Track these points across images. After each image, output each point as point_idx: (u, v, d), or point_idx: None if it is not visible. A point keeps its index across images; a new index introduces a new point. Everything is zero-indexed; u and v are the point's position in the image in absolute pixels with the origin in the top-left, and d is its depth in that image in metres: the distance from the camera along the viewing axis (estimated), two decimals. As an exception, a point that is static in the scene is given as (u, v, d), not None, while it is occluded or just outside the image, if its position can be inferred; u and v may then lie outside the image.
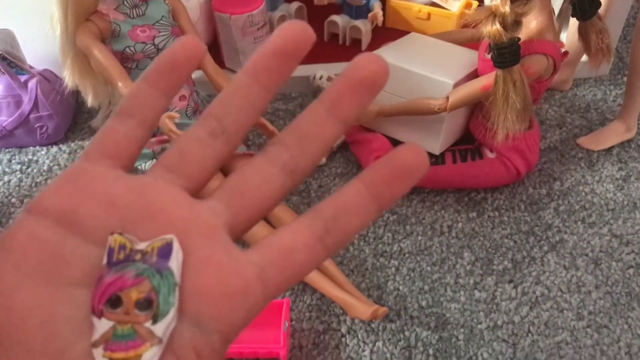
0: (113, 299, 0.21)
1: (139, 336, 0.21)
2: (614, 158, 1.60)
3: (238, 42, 1.73)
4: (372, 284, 1.35)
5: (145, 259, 0.21)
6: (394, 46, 1.52)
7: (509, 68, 1.21)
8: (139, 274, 0.21)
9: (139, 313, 0.21)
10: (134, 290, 0.21)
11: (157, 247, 0.21)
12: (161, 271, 0.21)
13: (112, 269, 0.21)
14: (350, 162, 1.63)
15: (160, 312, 0.21)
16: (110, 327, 0.21)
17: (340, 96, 0.22)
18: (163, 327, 0.21)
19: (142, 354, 0.20)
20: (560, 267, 1.36)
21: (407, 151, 0.22)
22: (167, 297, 0.21)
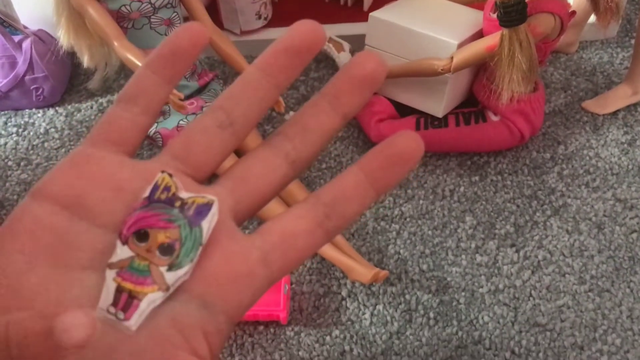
0: (141, 232, 0.22)
1: (151, 276, 0.22)
2: (619, 122, 1.58)
3: (237, 2, 1.69)
4: (372, 247, 1.34)
5: (183, 208, 0.22)
6: (397, 5, 1.48)
7: (515, 27, 1.18)
8: (172, 220, 0.22)
9: (159, 256, 0.22)
10: (162, 233, 0.22)
11: (198, 203, 0.22)
12: (192, 226, 0.22)
13: (150, 205, 0.22)
14: (351, 125, 1.60)
15: (177, 262, 0.22)
16: (129, 257, 0.22)
17: (341, 92, 0.23)
18: (175, 277, 0.21)
19: (147, 294, 0.21)
20: (563, 231, 1.35)
21: (403, 139, 0.23)
22: (189, 251, 0.22)
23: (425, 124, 1.45)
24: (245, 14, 1.73)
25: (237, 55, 1.46)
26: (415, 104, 1.46)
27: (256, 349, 1.19)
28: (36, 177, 1.54)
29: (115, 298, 0.21)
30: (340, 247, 1.27)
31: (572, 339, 1.18)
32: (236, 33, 1.79)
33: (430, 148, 1.49)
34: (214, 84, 1.52)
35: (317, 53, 0.24)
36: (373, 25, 1.42)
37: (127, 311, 0.21)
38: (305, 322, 1.23)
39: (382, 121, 1.47)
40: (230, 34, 1.79)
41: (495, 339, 1.19)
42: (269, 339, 1.21)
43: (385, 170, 0.23)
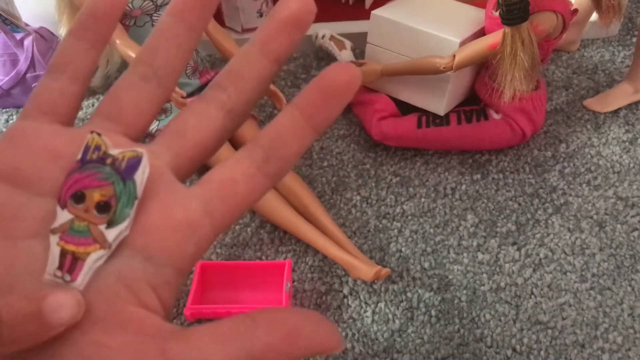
0: (78, 194, 0.22)
1: (92, 236, 0.22)
2: (620, 120, 1.58)
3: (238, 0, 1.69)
4: (374, 245, 1.34)
5: (114, 164, 0.22)
6: (398, 3, 1.48)
7: (518, 25, 1.18)
8: (105, 178, 0.22)
9: (96, 215, 0.22)
10: (97, 192, 0.22)
11: (128, 157, 0.22)
12: (125, 180, 0.22)
13: (84, 166, 0.22)
14: (352, 123, 1.61)
15: (115, 218, 0.22)
16: (69, 220, 0.22)
17: (269, 36, 0.23)
18: (115, 233, 0.22)
19: (89, 253, 0.22)
20: (565, 229, 1.35)
21: (335, 70, 0.22)
22: (125, 206, 0.22)
23: (427, 122, 1.45)
24: (246, 12, 1.73)
25: (239, 53, 1.46)
26: (417, 102, 1.46)
27: (258, 346, 1.20)
28: (38, 174, 1.54)
29: (61, 262, 0.22)
30: (342, 245, 1.28)
31: (573, 336, 1.18)
32: (237, 31, 1.79)
33: (432, 146, 1.49)
34: (215, 82, 1.52)
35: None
36: (375, 23, 1.42)
37: (73, 272, 0.21)
38: (307, 320, 1.23)
39: (384, 119, 1.47)
40: (232, 31, 1.79)
41: (497, 337, 1.19)
42: (271, 337, 1.21)
43: (320, 105, 0.22)
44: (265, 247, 1.35)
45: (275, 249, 1.34)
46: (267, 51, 0.23)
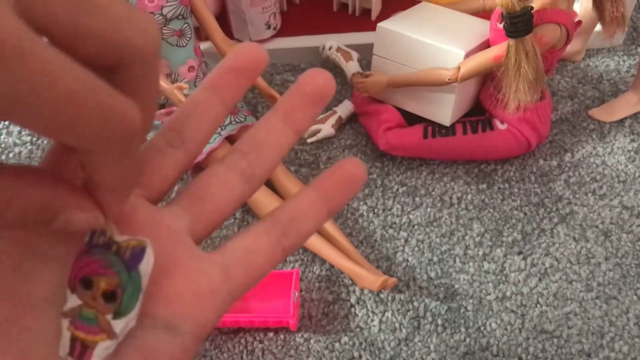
0: (86, 280, 0.22)
1: (99, 325, 0.22)
2: (626, 130, 1.59)
3: (247, 12, 1.71)
4: (381, 255, 1.36)
5: (119, 253, 0.22)
6: (404, 15, 1.50)
7: (522, 38, 1.19)
8: (111, 266, 0.22)
9: (103, 303, 0.22)
10: (104, 280, 0.22)
11: (132, 246, 0.22)
12: (130, 271, 0.22)
13: (91, 250, 0.22)
14: (359, 134, 1.62)
15: (121, 310, 0.22)
16: (78, 306, 0.22)
17: (293, 108, 0.25)
18: (121, 325, 0.22)
19: (97, 342, 0.22)
20: (570, 238, 1.36)
21: (352, 164, 0.25)
22: (130, 298, 0.22)
23: (432, 132, 1.46)
24: (254, 24, 1.75)
25: (247, 65, 1.48)
26: (423, 113, 1.48)
27: (266, 355, 1.21)
28: (50, 185, 1.57)
29: (71, 347, 0.22)
30: (349, 255, 1.29)
31: (579, 345, 1.19)
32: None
33: (438, 156, 1.51)
34: (224, 94, 1.54)
35: (261, 71, 0.25)
36: (381, 36, 1.44)
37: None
38: (315, 329, 1.24)
39: (390, 129, 1.49)
40: (240, 43, 1.81)
41: (503, 346, 1.20)
42: (279, 345, 1.22)
43: (337, 190, 0.25)
44: (273, 256, 1.36)
45: (283, 258, 1.36)
46: (289, 122, 0.25)
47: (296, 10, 1.93)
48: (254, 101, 1.73)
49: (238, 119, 1.46)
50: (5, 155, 1.65)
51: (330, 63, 1.80)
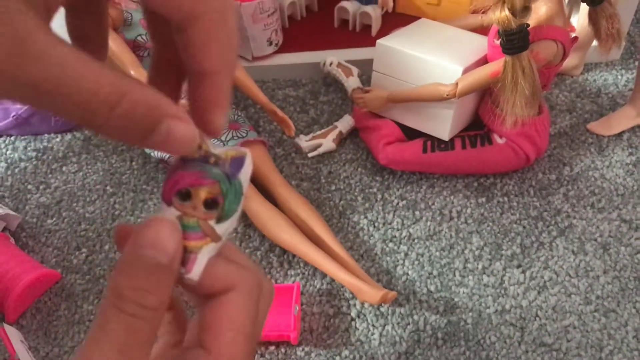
0: (183, 192, 0.23)
1: (202, 231, 0.23)
2: (624, 143, 1.60)
3: (249, 29, 1.74)
4: (381, 268, 1.37)
5: (218, 163, 0.23)
6: (403, 32, 1.52)
7: (518, 54, 1.21)
8: (211, 177, 0.23)
9: (205, 211, 0.23)
10: (204, 190, 0.23)
11: (231, 156, 0.24)
12: (231, 179, 0.23)
13: (187, 164, 0.23)
14: (360, 148, 1.64)
15: (224, 214, 0.23)
16: (177, 217, 0.23)
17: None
18: (224, 227, 0.23)
19: (202, 247, 0.23)
20: (569, 252, 1.37)
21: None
22: (232, 203, 0.23)
23: (432, 146, 1.48)
24: (256, 41, 1.78)
25: (249, 81, 1.50)
26: (422, 127, 1.50)
27: (268, 368, 1.22)
28: (55, 200, 1.59)
29: None
30: (350, 269, 1.30)
31: (578, 358, 1.20)
32: (248, 59, 1.84)
33: (438, 170, 1.53)
34: (226, 109, 1.56)
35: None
36: (380, 52, 1.46)
37: (187, 265, 0.23)
38: (316, 343, 1.26)
39: (390, 144, 1.51)
40: (242, 59, 1.84)
41: (502, 359, 1.20)
42: (280, 359, 1.23)
43: None
44: (274, 270, 1.38)
45: (284, 272, 1.37)
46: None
47: (297, 27, 1.96)
48: (255, 116, 1.75)
49: (240, 134, 1.48)
50: (11, 170, 1.68)
51: (331, 78, 1.82)
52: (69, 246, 1.48)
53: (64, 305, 1.36)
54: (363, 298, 1.26)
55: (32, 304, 1.37)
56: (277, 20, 1.80)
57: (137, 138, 0.21)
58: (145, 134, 0.21)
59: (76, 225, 1.53)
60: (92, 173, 1.65)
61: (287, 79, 1.87)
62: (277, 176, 1.47)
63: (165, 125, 0.21)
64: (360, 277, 1.28)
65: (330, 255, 1.32)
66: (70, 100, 0.19)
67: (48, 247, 1.48)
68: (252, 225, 1.44)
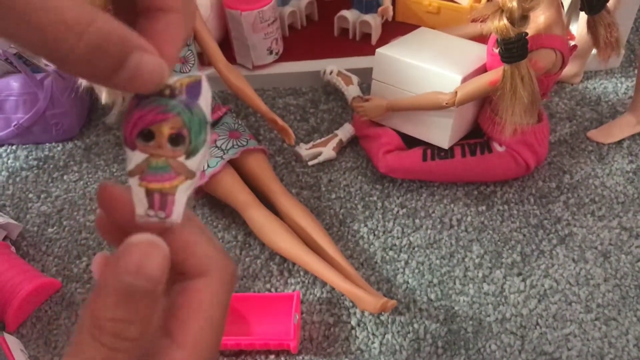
0: (145, 132, 0.22)
1: (173, 169, 0.22)
2: (624, 151, 1.60)
3: (249, 38, 1.75)
4: (381, 277, 1.37)
5: (174, 94, 0.22)
6: (403, 41, 1.53)
7: (517, 63, 1.21)
8: (169, 110, 0.21)
9: (172, 148, 0.22)
10: (165, 126, 0.21)
11: (186, 84, 0.22)
12: (191, 108, 0.21)
13: (141, 102, 0.22)
14: (360, 156, 1.64)
15: (192, 148, 0.22)
16: (145, 159, 0.22)
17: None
18: (196, 162, 0.22)
19: (177, 186, 0.22)
20: (569, 260, 1.37)
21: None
22: (198, 134, 0.22)
23: (431, 155, 1.48)
24: (257, 50, 1.79)
25: (249, 89, 1.51)
26: (422, 136, 1.50)
27: (267, 377, 1.22)
28: (56, 209, 1.59)
29: (149, 201, 0.21)
30: (350, 277, 1.30)
31: (579, 367, 1.19)
32: (248, 68, 1.84)
33: (437, 178, 1.53)
34: (227, 118, 1.57)
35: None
36: (379, 61, 1.46)
37: (166, 208, 0.21)
38: (316, 351, 1.25)
39: (390, 152, 1.51)
40: (243, 68, 1.85)
41: (503, 368, 1.20)
42: (280, 368, 1.23)
43: None
44: (274, 279, 1.38)
45: (284, 280, 1.37)
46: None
47: (298, 36, 1.97)
48: (256, 125, 1.76)
49: (240, 143, 1.49)
50: (12, 179, 1.68)
51: (331, 87, 1.83)
52: (70, 255, 1.48)
53: (65, 314, 1.36)
54: (363, 307, 1.25)
55: (32, 313, 1.37)
56: (278, 29, 1.81)
57: (106, 72, 0.20)
58: (115, 67, 0.20)
59: (77, 234, 1.53)
60: (93, 182, 1.66)
61: (288, 87, 1.87)
62: (277, 184, 1.47)
63: (136, 57, 0.20)
64: (360, 286, 1.28)
65: (330, 264, 1.32)
66: (33, 22, 0.18)
67: (49, 255, 1.49)
68: (252, 234, 1.44)
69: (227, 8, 1.72)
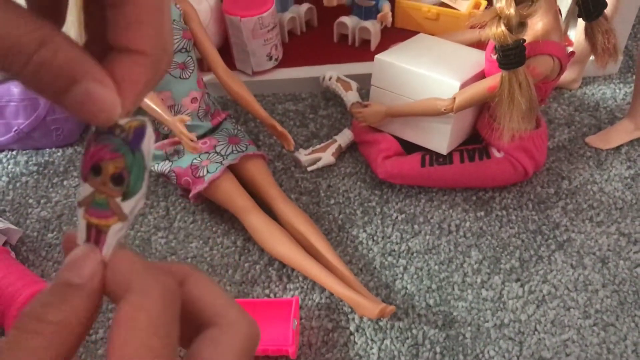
0: (95, 167, 0.23)
1: (110, 208, 0.23)
2: (622, 157, 1.61)
3: (248, 44, 1.76)
4: (380, 282, 1.37)
5: (122, 135, 0.23)
6: (402, 47, 1.53)
7: (515, 69, 1.22)
8: (116, 149, 0.23)
9: (112, 187, 0.23)
10: (111, 164, 0.23)
11: (134, 127, 0.23)
12: (134, 151, 0.23)
13: (98, 137, 0.23)
14: (359, 162, 1.65)
15: (129, 191, 0.23)
16: (91, 193, 0.23)
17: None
18: (130, 205, 0.23)
19: (110, 225, 0.23)
20: (568, 265, 1.37)
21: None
22: (137, 178, 0.23)
23: (430, 160, 1.49)
24: (256, 56, 1.80)
25: (248, 95, 1.52)
26: (421, 142, 1.51)
27: (266, 383, 1.22)
28: (55, 214, 1.60)
29: (87, 234, 0.23)
30: (349, 282, 1.31)
31: (577, 373, 1.20)
32: (248, 74, 1.85)
33: (436, 184, 1.53)
34: (226, 123, 1.57)
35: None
36: (378, 67, 1.47)
37: (99, 244, 0.23)
38: (314, 357, 1.26)
39: (389, 158, 1.51)
40: (242, 74, 1.86)
41: (501, 374, 1.20)
42: (279, 374, 1.23)
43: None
44: (273, 284, 1.38)
45: (283, 286, 1.38)
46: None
47: (297, 42, 1.98)
48: (255, 130, 1.76)
49: (240, 149, 1.49)
50: (12, 184, 1.69)
51: (330, 93, 1.84)
52: (69, 260, 1.48)
53: (64, 319, 1.36)
54: (362, 312, 1.26)
55: (31, 318, 1.37)
56: (277, 35, 1.81)
57: (50, 92, 0.21)
58: (60, 90, 0.20)
59: (76, 239, 1.53)
60: (92, 187, 1.66)
61: (287, 93, 1.88)
62: (276, 190, 1.47)
63: (85, 86, 0.21)
64: (359, 291, 1.29)
65: (329, 269, 1.32)
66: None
67: (48, 261, 1.49)
68: (251, 239, 1.44)
69: (226, 14, 1.73)
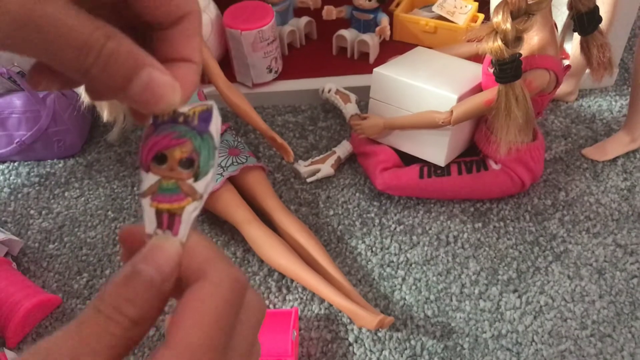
0: (159, 156, 0.24)
1: (182, 191, 0.24)
2: (619, 168, 1.62)
3: (249, 57, 1.78)
4: (379, 293, 1.38)
5: (187, 121, 0.24)
6: (400, 60, 1.55)
7: (511, 83, 1.24)
8: (182, 135, 0.24)
9: (182, 170, 0.24)
10: (178, 150, 0.24)
11: (199, 111, 0.24)
12: (202, 134, 0.24)
13: (158, 128, 0.24)
14: (358, 173, 1.66)
15: (200, 171, 0.24)
16: (157, 181, 0.24)
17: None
18: (203, 184, 0.24)
19: (184, 207, 0.23)
20: (565, 276, 1.39)
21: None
22: (207, 158, 0.24)
23: (428, 172, 1.50)
24: (256, 68, 1.82)
25: (248, 107, 1.53)
26: (419, 154, 1.52)
27: (265, 394, 1.23)
28: (57, 225, 1.61)
29: (158, 221, 0.23)
30: (348, 294, 1.32)
31: (574, 384, 1.20)
32: (248, 86, 1.87)
33: (434, 195, 1.55)
34: (226, 135, 1.59)
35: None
36: (377, 80, 1.49)
37: (173, 228, 0.23)
38: (313, 367, 1.26)
39: (387, 170, 1.53)
40: (242, 86, 1.87)
41: (499, 384, 1.21)
42: (278, 384, 1.24)
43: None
44: (272, 295, 1.39)
45: (282, 297, 1.39)
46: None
47: (297, 54, 2.00)
48: (255, 142, 1.78)
49: (240, 160, 1.51)
50: (14, 195, 1.70)
51: (330, 105, 1.85)
52: (70, 271, 1.50)
53: (65, 330, 1.37)
54: (360, 323, 1.27)
55: (33, 329, 1.38)
56: (277, 48, 1.83)
57: (118, 81, 0.22)
58: (127, 77, 0.22)
59: (77, 250, 1.54)
60: (94, 198, 1.68)
61: (287, 105, 1.90)
62: (275, 201, 1.49)
63: (148, 72, 0.22)
64: (358, 302, 1.30)
65: (328, 280, 1.33)
66: (50, 49, 0.21)
67: (49, 272, 1.50)
68: (251, 250, 1.45)
69: (227, 27, 1.75)
